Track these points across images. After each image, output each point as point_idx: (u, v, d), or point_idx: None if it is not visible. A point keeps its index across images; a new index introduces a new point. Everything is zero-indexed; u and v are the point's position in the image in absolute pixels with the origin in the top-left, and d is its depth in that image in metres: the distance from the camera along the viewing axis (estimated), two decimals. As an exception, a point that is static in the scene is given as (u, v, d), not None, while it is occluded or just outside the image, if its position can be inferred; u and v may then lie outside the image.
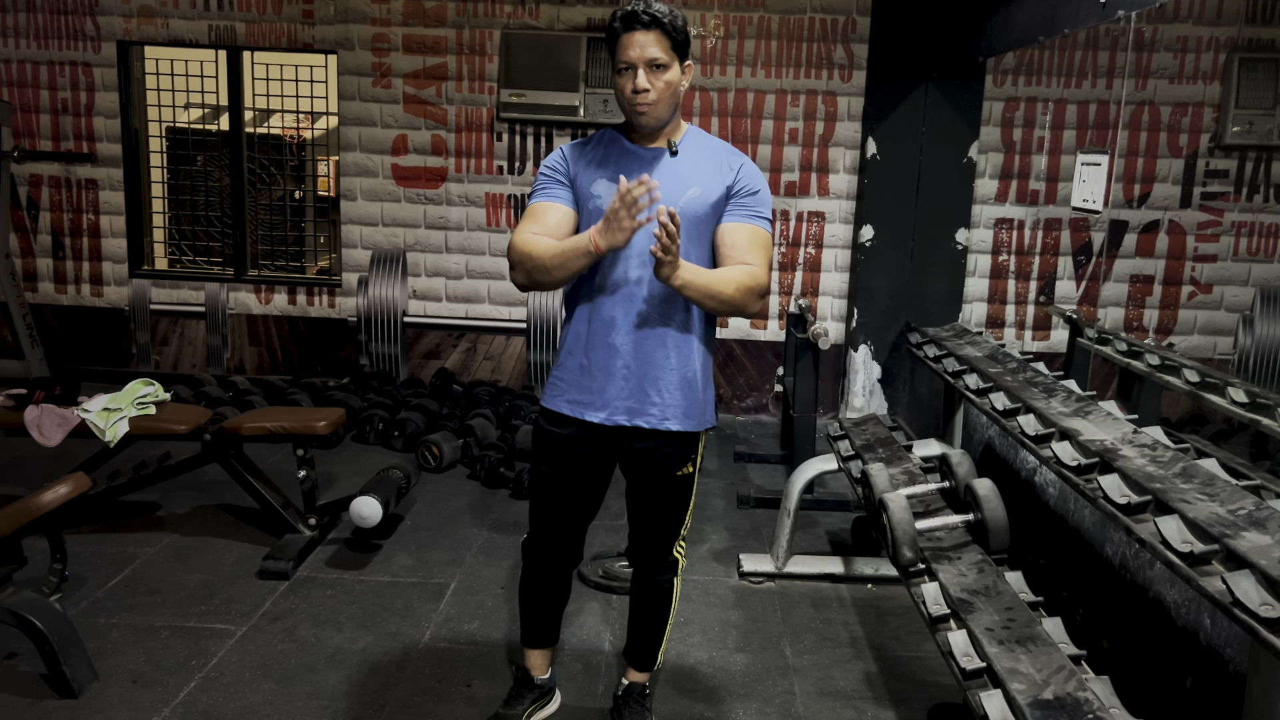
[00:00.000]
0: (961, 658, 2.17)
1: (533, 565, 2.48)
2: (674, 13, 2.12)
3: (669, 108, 2.17)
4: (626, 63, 2.11)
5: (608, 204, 2.08)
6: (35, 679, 2.67)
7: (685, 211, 2.15)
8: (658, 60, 2.10)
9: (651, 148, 2.23)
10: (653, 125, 2.18)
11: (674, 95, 2.16)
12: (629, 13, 2.10)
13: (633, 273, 2.19)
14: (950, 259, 5.39)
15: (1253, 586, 1.70)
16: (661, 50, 2.10)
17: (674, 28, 2.10)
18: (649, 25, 2.08)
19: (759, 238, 2.22)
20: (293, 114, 6.16)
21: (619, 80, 2.15)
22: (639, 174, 2.09)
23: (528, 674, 2.60)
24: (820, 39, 5.58)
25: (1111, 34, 5.52)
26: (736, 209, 2.22)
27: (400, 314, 5.89)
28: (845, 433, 3.77)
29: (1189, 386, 3.58)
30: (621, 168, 2.18)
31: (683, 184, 2.18)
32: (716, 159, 2.24)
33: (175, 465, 3.80)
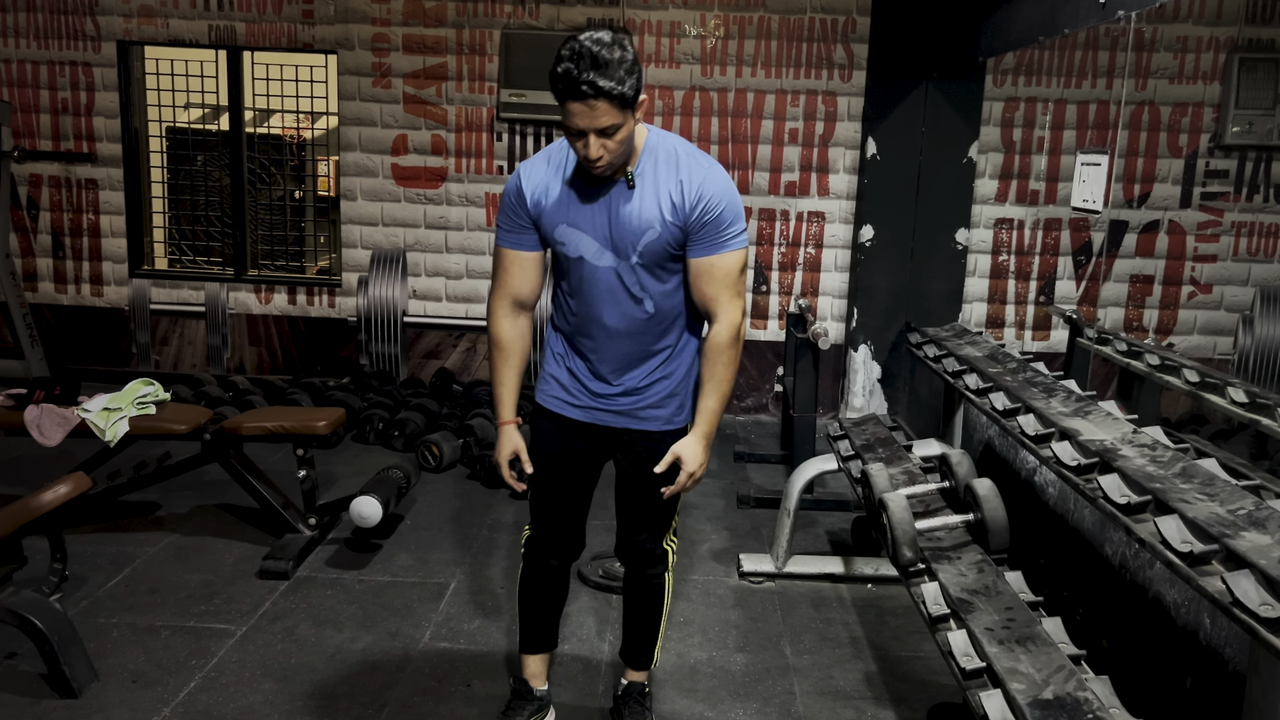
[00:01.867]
0: (961, 658, 2.18)
1: (534, 561, 2.47)
2: (618, 71, 1.91)
3: (623, 156, 2.05)
4: (575, 130, 1.97)
5: (572, 251, 2.15)
6: (35, 679, 2.67)
7: (645, 251, 2.13)
8: (607, 127, 1.95)
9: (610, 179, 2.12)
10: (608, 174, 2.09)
11: (628, 147, 2.03)
12: (570, 80, 1.90)
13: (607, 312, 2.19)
14: (950, 259, 5.39)
15: (1252, 586, 1.70)
16: (610, 116, 1.93)
17: (621, 96, 1.92)
18: (594, 97, 1.90)
19: (729, 270, 2.14)
20: (293, 114, 6.16)
21: (569, 137, 2.01)
22: (598, 217, 2.12)
23: (526, 684, 2.58)
24: (820, 39, 5.58)
25: (1111, 34, 5.52)
26: (700, 242, 2.12)
27: (400, 314, 5.89)
28: (845, 433, 3.77)
29: (1189, 386, 3.58)
30: (580, 208, 2.12)
31: (639, 225, 2.10)
32: (674, 181, 2.10)
33: (175, 465, 3.80)
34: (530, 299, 2.27)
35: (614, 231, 2.12)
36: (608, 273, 2.15)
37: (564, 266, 2.23)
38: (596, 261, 2.15)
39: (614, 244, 2.13)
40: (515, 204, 2.19)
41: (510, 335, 2.27)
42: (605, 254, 2.14)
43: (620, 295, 2.18)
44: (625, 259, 2.13)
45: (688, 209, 2.09)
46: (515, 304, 2.27)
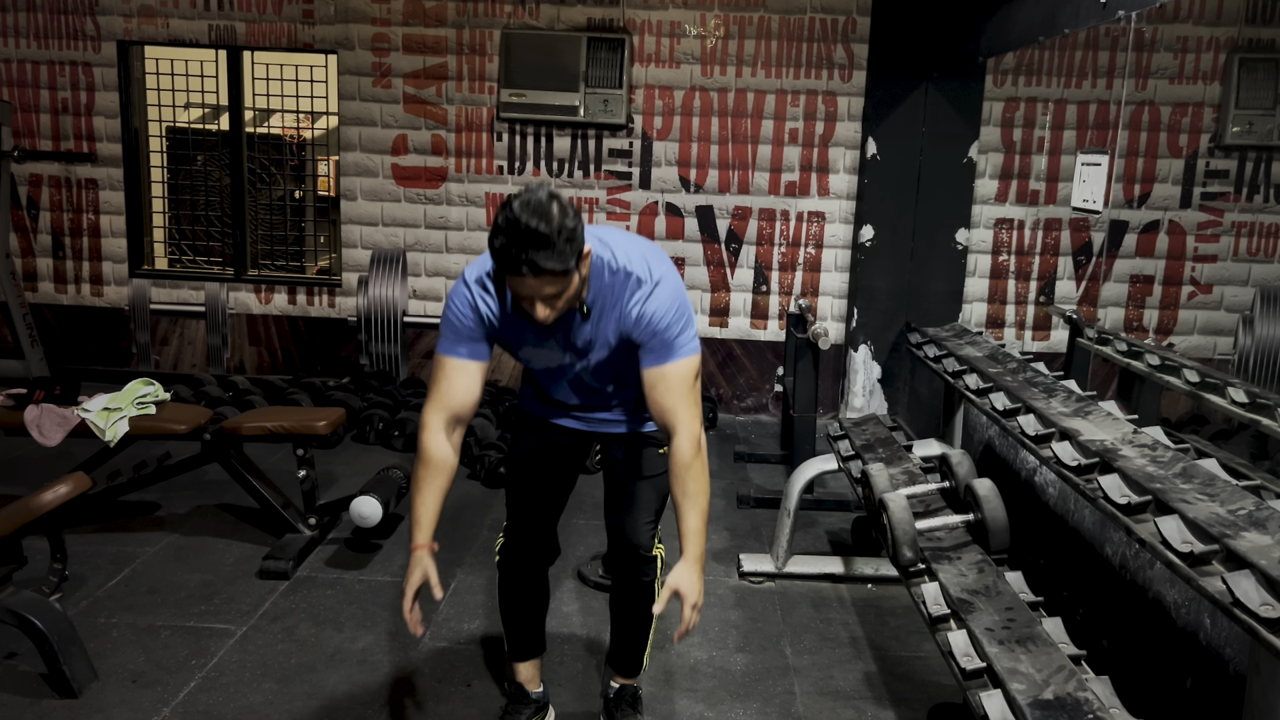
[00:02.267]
0: (961, 658, 2.17)
1: (511, 568, 2.46)
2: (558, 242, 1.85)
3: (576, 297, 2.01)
4: (518, 295, 1.95)
5: (536, 363, 2.23)
6: (35, 679, 2.67)
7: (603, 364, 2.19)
8: (552, 293, 1.91)
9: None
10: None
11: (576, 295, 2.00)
12: (508, 257, 1.85)
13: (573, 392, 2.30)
14: (950, 259, 5.39)
15: (1253, 586, 1.70)
16: (553, 286, 1.90)
17: (564, 270, 1.88)
18: (533, 274, 1.86)
19: (682, 377, 2.09)
20: (293, 114, 6.16)
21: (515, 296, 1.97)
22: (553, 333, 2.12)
23: (522, 689, 2.57)
24: (820, 39, 5.58)
25: (1111, 34, 5.52)
26: (651, 353, 2.09)
27: (400, 314, 5.89)
28: (845, 433, 3.77)
29: (1189, 387, 3.58)
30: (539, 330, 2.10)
31: (595, 343, 2.14)
32: (620, 304, 2.08)
33: (175, 465, 3.80)
34: (468, 414, 2.16)
35: (574, 346, 2.16)
36: (568, 369, 2.22)
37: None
38: (557, 365, 2.21)
39: (573, 357, 2.19)
40: (468, 319, 2.11)
41: (442, 453, 2.13)
42: (565, 361, 2.19)
43: (583, 383, 2.27)
44: (585, 367, 2.21)
45: (634, 333, 2.09)
46: (453, 419, 2.14)
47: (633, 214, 5.78)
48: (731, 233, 5.78)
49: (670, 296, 2.08)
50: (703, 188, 5.75)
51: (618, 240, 2.13)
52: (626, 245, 2.12)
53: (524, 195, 1.88)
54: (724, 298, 5.84)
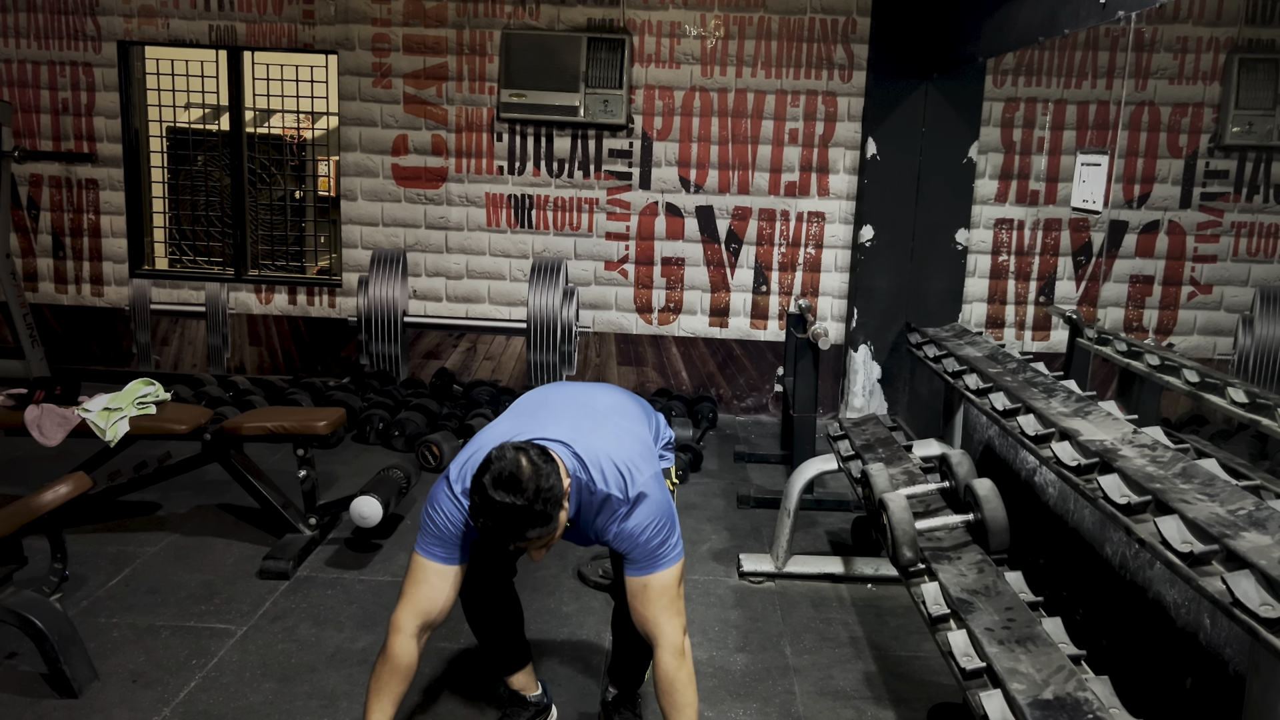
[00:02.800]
0: (961, 658, 2.18)
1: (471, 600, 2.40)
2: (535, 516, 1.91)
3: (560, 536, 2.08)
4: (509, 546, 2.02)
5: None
6: (35, 679, 2.67)
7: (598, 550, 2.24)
8: (540, 544, 2.01)
9: None
10: None
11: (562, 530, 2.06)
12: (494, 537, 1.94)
13: None
14: (950, 259, 5.39)
15: (1253, 586, 1.70)
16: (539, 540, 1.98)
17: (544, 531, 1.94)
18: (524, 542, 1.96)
19: (665, 587, 2.10)
20: (293, 114, 6.16)
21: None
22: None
23: (518, 695, 2.56)
24: (820, 39, 5.58)
25: (1111, 34, 5.52)
26: (634, 564, 2.11)
27: (400, 314, 5.89)
28: (845, 433, 3.77)
29: (1189, 387, 3.58)
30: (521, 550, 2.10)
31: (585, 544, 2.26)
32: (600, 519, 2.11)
33: (175, 465, 3.80)
34: (440, 618, 2.17)
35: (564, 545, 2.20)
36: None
37: None
38: None
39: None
40: (452, 528, 2.11)
41: (408, 659, 2.12)
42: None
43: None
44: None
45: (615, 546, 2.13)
46: (426, 625, 2.14)
47: (633, 214, 5.78)
48: (731, 233, 5.78)
49: (650, 512, 2.07)
50: (703, 188, 5.75)
51: (598, 450, 2.09)
52: (606, 458, 2.09)
53: (493, 469, 1.91)
54: (724, 298, 5.84)
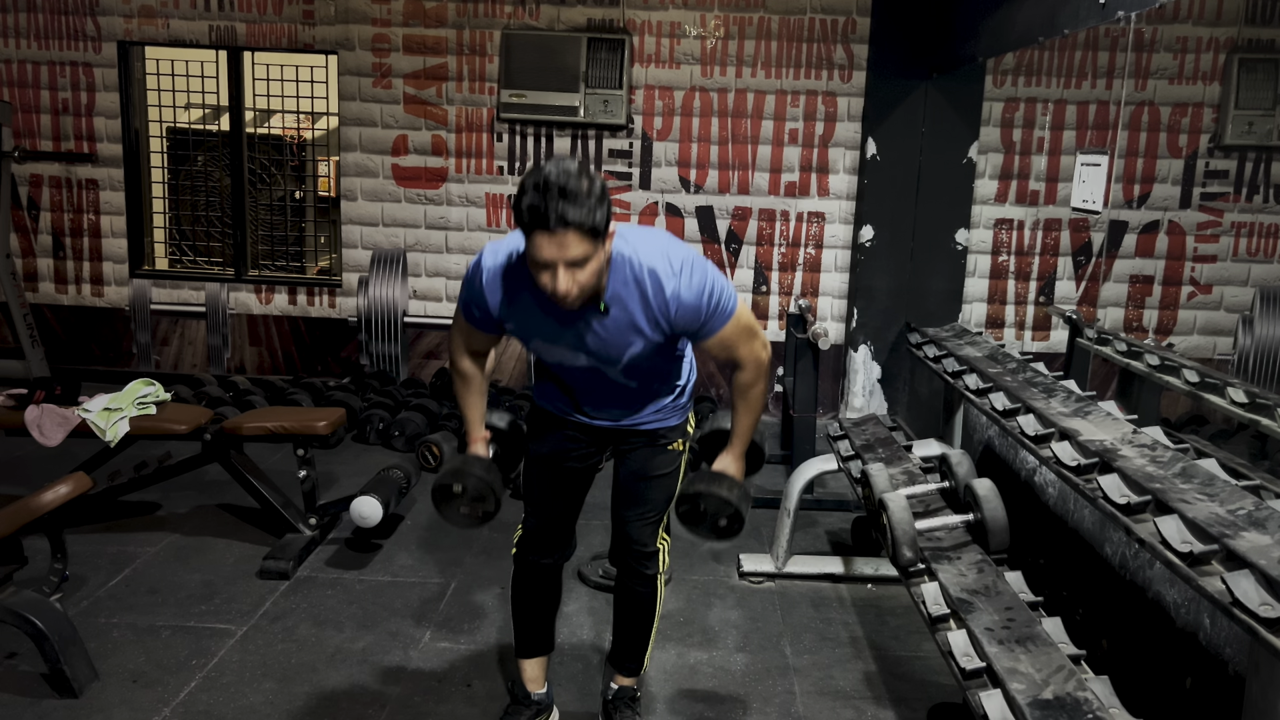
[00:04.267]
0: (961, 657, 2.18)
1: (526, 561, 2.48)
2: (588, 201, 1.81)
3: (595, 284, 1.96)
4: (541, 261, 1.86)
5: (547, 356, 2.20)
6: (36, 679, 2.67)
7: (631, 360, 2.13)
8: (577, 259, 1.85)
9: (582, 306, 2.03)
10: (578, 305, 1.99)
11: (598, 278, 1.94)
12: (537, 213, 1.80)
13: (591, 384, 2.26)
14: (950, 259, 5.39)
15: (1252, 586, 1.70)
16: (580, 247, 1.83)
17: (592, 227, 1.82)
18: (563, 228, 1.80)
19: (742, 329, 2.15)
20: (293, 114, 6.16)
21: (535, 270, 1.89)
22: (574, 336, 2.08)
23: (524, 689, 2.57)
24: (820, 39, 5.58)
25: (1111, 34, 5.52)
26: (705, 327, 2.09)
27: (400, 314, 5.89)
28: (845, 433, 3.77)
29: (1189, 387, 3.58)
30: (551, 325, 2.08)
31: (621, 341, 2.07)
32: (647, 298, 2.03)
33: (175, 465, 3.80)
34: (485, 352, 2.34)
35: (590, 348, 2.12)
36: (587, 370, 2.20)
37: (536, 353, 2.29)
38: (574, 363, 2.18)
39: (594, 358, 2.15)
40: (478, 299, 2.13)
41: (471, 368, 2.33)
42: (585, 359, 2.15)
43: (603, 378, 2.23)
44: (610, 364, 2.16)
45: (671, 325, 2.07)
46: (474, 353, 2.32)
47: (633, 214, 5.78)
48: (731, 233, 5.78)
49: (699, 277, 2.04)
50: (703, 188, 5.75)
51: (636, 237, 2.06)
52: (645, 242, 2.06)
53: (553, 160, 1.87)
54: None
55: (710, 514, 2.24)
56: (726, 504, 2.23)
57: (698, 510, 2.25)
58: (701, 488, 2.24)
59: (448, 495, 2.28)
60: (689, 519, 2.28)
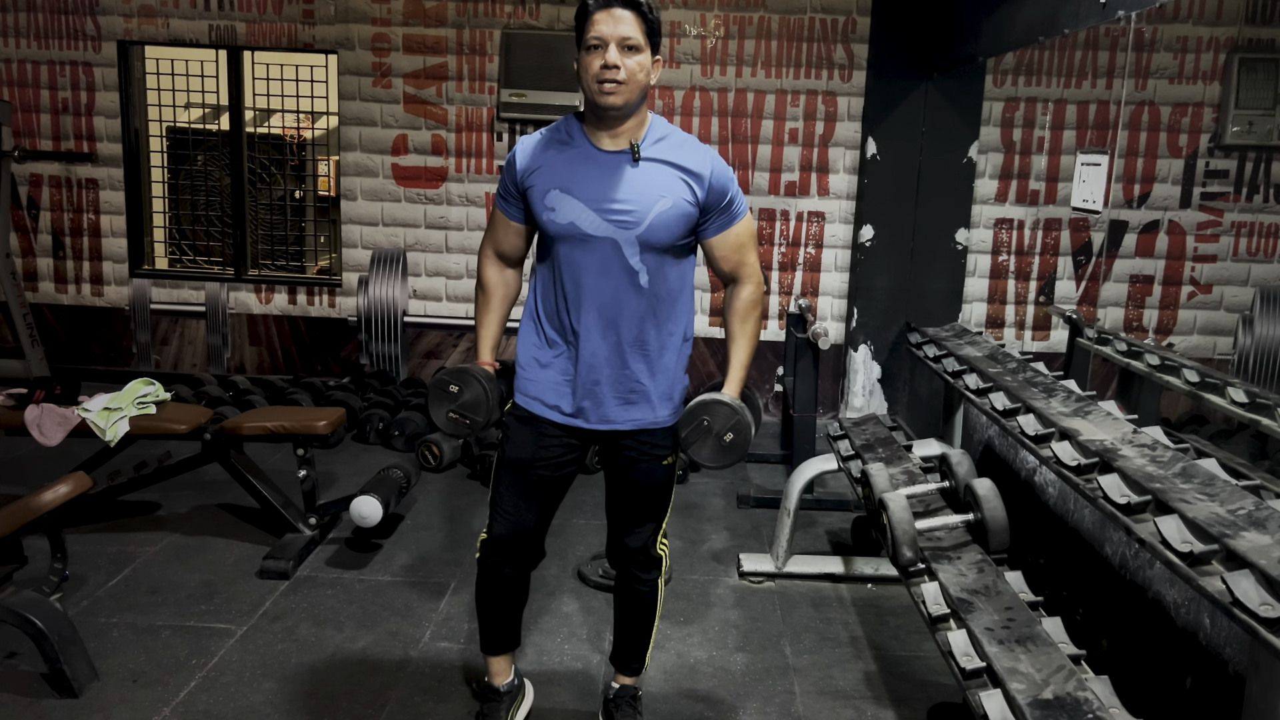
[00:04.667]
0: (961, 657, 2.18)
1: (489, 568, 2.38)
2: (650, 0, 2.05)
3: (638, 95, 2.05)
4: (598, 39, 2.00)
5: (561, 217, 2.11)
6: (35, 678, 2.67)
7: (655, 224, 2.09)
8: (631, 40, 2.00)
9: (613, 152, 2.10)
10: (619, 109, 2.04)
11: (643, 85, 2.05)
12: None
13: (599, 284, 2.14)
14: (950, 259, 5.39)
15: (1252, 586, 1.70)
16: (635, 29, 2.00)
17: (650, 12, 2.03)
18: (626, 5, 2.00)
19: (746, 236, 2.27)
20: (293, 114, 6.16)
21: (586, 59, 2.02)
22: (598, 185, 2.08)
23: (490, 687, 2.54)
24: (820, 39, 5.58)
25: (1111, 34, 5.52)
26: (719, 220, 2.19)
27: (400, 314, 5.89)
28: (845, 433, 3.77)
29: (1189, 386, 3.58)
30: (576, 174, 2.10)
31: (649, 194, 2.09)
32: (682, 164, 2.11)
33: (175, 465, 3.80)
34: (514, 257, 2.33)
35: (617, 203, 2.08)
36: (603, 243, 2.11)
37: (551, 244, 2.18)
38: (591, 230, 2.10)
39: (614, 216, 2.09)
40: (509, 170, 2.21)
41: (495, 280, 2.33)
42: (602, 224, 2.09)
43: (614, 267, 2.12)
44: (627, 229, 2.09)
45: (706, 189, 2.13)
46: (500, 256, 2.33)
47: (633, 214, 5.78)
48: (731, 233, 5.77)
49: (727, 169, 2.18)
50: (703, 188, 5.74)
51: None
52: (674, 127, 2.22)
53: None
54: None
55: (716, 431, 2.17)
56: (732, 412, 2.17)
57: (701, 427, 2.17)
58: (706, 399, 2.18)
59: (443, 392, 2.24)
60: (693, 439, 2.18)
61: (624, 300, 2.15)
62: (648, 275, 2.15)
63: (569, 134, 2.15)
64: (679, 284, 2.25)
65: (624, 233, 2.10)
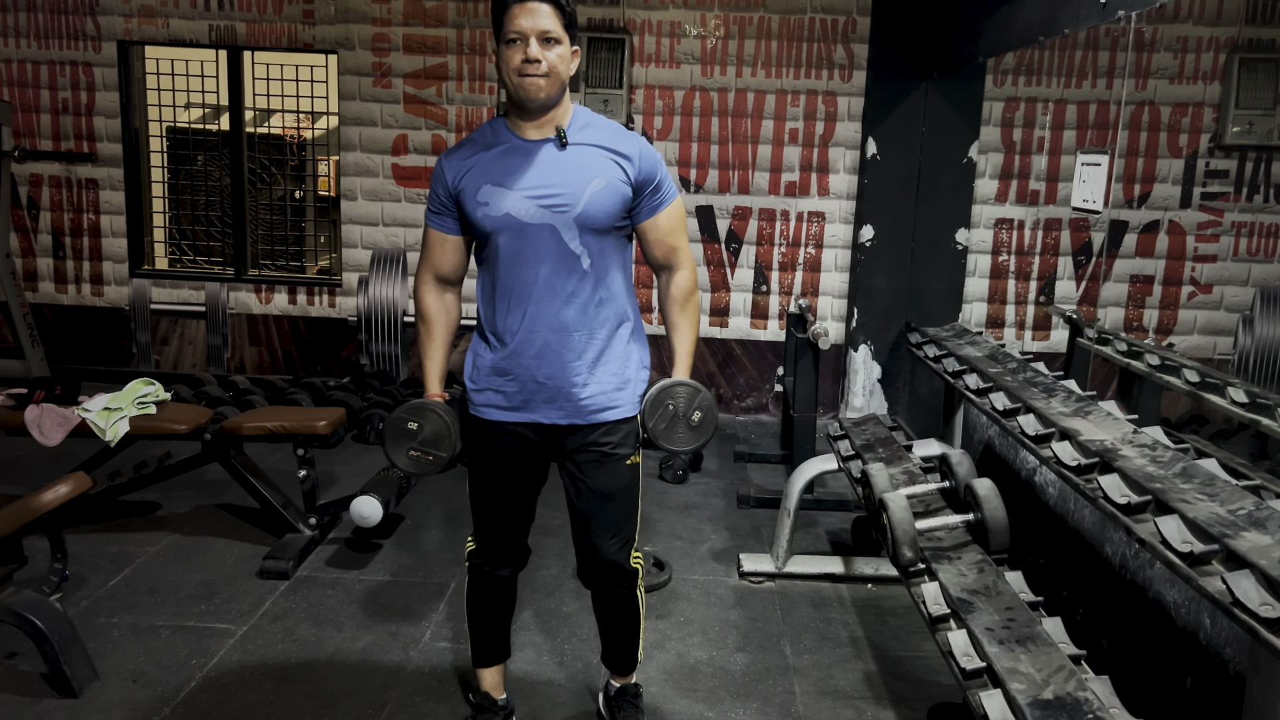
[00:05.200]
0: (961, 657, 2.18)
1: (480, 574, 2.40)
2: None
3: (559, 87, 2.06)
4: (516, 33, 2.00)
5: (495, 210, 2.09)
6: (35, 678, 2.67)
7: (591, 204, 2.08)
8: (550, 33, 2.01)
9: (539, 140, 2.11)
10: (541, 102, 2.05)
11: (564, 76, 2.07)
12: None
13: (541, 272, 2.12)
14: (950, 259, 5.39)
15: (1253, 586, 1.70)
16: (555, 24, 2.02)
17: (566, 4, 2.03)
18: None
19: (678, 219, 2.25)
20: (293, 114, 6.16)
21: (506, 53, 2.02)
22: (527, 174, 2.08)
23: (489, 697, 2.54)
24: (820, 39, 5.58)
25: (1111, 34, 5.52)
26: (650, 202, 2.19)
27: (400, 314, 5.89)
28: (845, 433, 3.77)
29: (1189, 386, 3.58)
30: (506, 166, 2.09)
31: (581, 176, 2.08)
32: (610, 145, 2.13)
33: (175, 465, 3.80)
34: (453, 276, 2.30)
35: (549, 187, 2.08)
36: (540, 230, 2.09)
37: (488, 240, 2.14)
38: (527, 219, 2.09)
39: (548, 201, 2.08)
40: (436, 184, 2.19)
41: (435, 309, 2.31)
42: (537, 211, 2.08)
43: (554, 253, 2.10)
44: (563, 213, 2.08)
45: (633, 173, 2.13)
46: (438, 279, 2.30)
47: (633, 214, 5.78)
48: (731, 233, 5.78)
49: (652, 151, 2.19)
50: (703, 188, 5.75)
51: None
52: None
53: None
54: (724, 298, 5.84)
55: (682, 413, 2.18)
56: (694, 391, 2.19)
57: (667, 412, 2.18)
58: (665, 384, 2.20)
59: (400, 431, 2.18)
60: (661, 424, 2.18)
61: (568, 287, 2.13)
62: (589, 259, 2.13)
63: (493, 133, 2.15)
64: (621, 269, 2.23)
65: (560, 217, 2.09)
